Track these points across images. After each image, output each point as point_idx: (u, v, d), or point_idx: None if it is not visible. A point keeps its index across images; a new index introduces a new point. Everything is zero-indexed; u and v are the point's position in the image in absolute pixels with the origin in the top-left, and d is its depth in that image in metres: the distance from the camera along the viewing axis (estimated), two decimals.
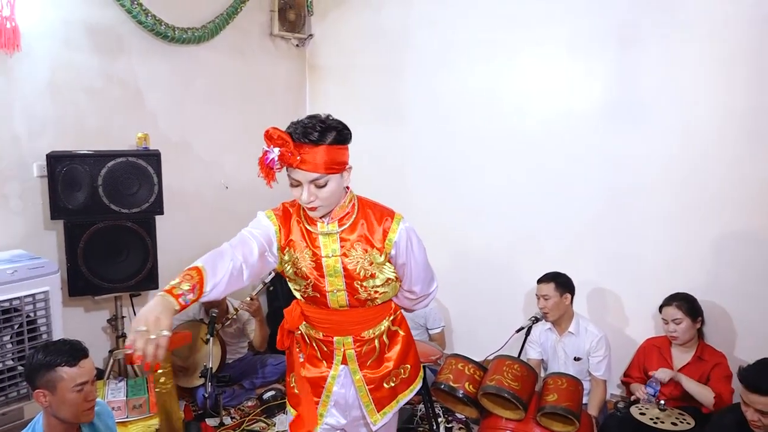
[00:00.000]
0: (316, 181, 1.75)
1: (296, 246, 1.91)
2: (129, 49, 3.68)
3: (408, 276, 1.98)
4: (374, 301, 1.95)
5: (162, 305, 1.64)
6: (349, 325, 1.97)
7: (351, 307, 1.94)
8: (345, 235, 1.88)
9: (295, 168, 1.75)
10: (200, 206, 4.15)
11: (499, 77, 3.84)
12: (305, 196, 1.77)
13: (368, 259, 1.88)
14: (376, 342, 2.01)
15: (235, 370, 3.83)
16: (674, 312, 2.99)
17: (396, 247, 1.89)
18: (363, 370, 2.02)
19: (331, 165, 1.74)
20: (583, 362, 3.27)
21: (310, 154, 1.72)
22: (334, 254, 1.87)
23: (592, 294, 3.62)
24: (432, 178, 4.20)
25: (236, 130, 4.35)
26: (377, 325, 2.01)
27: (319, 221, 1.88)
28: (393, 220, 1.90)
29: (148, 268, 3.36)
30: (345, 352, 2.00)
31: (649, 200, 3.38)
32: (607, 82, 3.46)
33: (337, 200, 1.85)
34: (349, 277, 1.89)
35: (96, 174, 3.17)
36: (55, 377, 2.06)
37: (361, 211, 1.90)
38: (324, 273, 1.89)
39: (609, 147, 3.48)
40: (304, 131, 1.73)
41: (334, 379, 2.02)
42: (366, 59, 4.45)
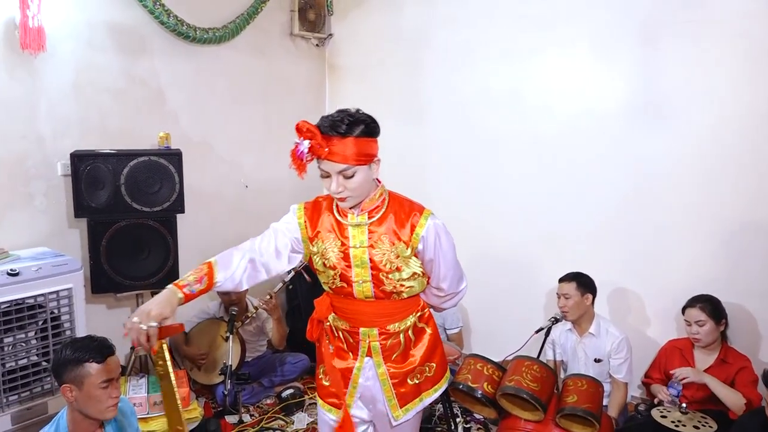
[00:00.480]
0: (344, 171, 1.82)
1: (325, 237, 1.97)
2: (151, 50, 3.74)
3: (436, 272, 2.00)
4: (400, 295, 1.98)
5: (163, 296, 1.78)
6: (374, 317, 2.01)
7: (377, 299, 1.97)
8: (373, 227, 1.93)
9: (324, 159, 1.82)
10: (220, 205, 4.20)
11: (520, 77, 3.82)
12: (334, 187, 1.84)
13: (395, 252, 1.92)
14: (401, 336, 2.03)
15: (255, 367, 3.87)
16: (697, 314, 2.95)
17: (423, 242, 1.92)
18: (387, 363, 2.04)
19: (358, 156, 1.81)
20: (604, 364, 3.25)
21: (338, 145, 1.79)
22: (362, 245, 1.93)
23: (614, 294, 3.59)
24: (452, 177, 4.20)
25: (256, 130, 4.38)
26: (403, 319, 2.03)
27: (350, 213, 1.95)
28: (422, 215, 1.94)
29: (169, 266, 3.40)
30: (370, 344, 2.03)
31: (672, 200, 3.35)
32: (630, 81, 3.43)
33: (367, 191, 1.91)
34: (375, 269, 1.93)
35: (118, 173, 3.22)
36: (83, 373, 2.10)
37: (390, 205, 1.96)
38: (351, 263, 1.94)
39: (631, 146, 3.45)
40: (332, 124, 1.80)
41: (360, 371, 2.05)
42: (386, 58, 4.46)
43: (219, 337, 3.76)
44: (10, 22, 3.10)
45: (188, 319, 3.89)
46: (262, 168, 4.45)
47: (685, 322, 3.01)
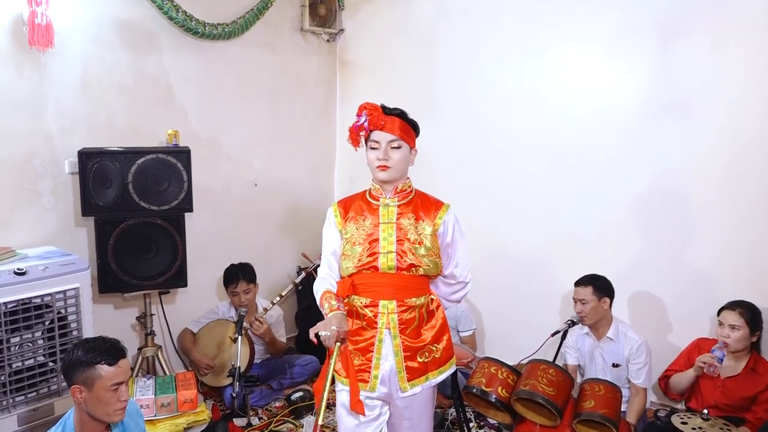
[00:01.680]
0: (393, 142, 2.21)
1: (355, 219, 2.30)
2: (160, 46, 3.76)
3: (452, 257, 2.32)
4: (417, 270, 2.23)
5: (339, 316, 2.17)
6: (395, 289, 2.24)
7: (398, 271, 2.22)
8: (401, 209, 2.28)
9: (379, 130, 2.22)
10: (228, 204, 4.22)
11: (535, 73, 3.80)
12: (381, 154, 2.21)
13: (419, 229, 2.25)
14: (416, 312, 2.25)
15: (264, 370, 3.88)
16: (735, 318, 2.91)
17: (444, 225, 2.27)
18: (402, 335, 2.25)
19: (406, 135, 2.23)
20: (622, 369, 3.23)
21: (393, 122, 2.23)
22: (390, 220, 2.26)
23: (633, 297, 3.56)
24: (465, 176, 4.18)
25: (266, 127, 4.40)
26: (420, 295, 2.27)
27: (381, 197, 2.29)
28: (443, 206, 2.32)
29: (177, 265, 3.42)
30: (388, 317, 2.24)
31: (693, 200, 3.32)
32: (649, 78, 3.40)
33: (402, 173, 2.27)
34: (400, 241, 2.23)
35: (126, 171, 3.24)
36: (94, 375, 2.12)
37: (418, 195, 2.33)
38: (380, 237, 2.24)
39: (650, 145, 3.42)
40: (390, 108, 2.26)
41: (381, 343, 2.25)
42: (398, 54, 4.46)
43: (227, 339, 3.77)
44: (18, 18, 3.13)
45: (196, 320, 3.91)
46: (272, 166, 4.46)
47: (719, 323, 2.97)
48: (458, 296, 2.42)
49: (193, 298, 3.96)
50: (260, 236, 4.42)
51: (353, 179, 4.80)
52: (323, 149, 4.84)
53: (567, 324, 3.23)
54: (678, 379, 3.05)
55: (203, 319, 3.91)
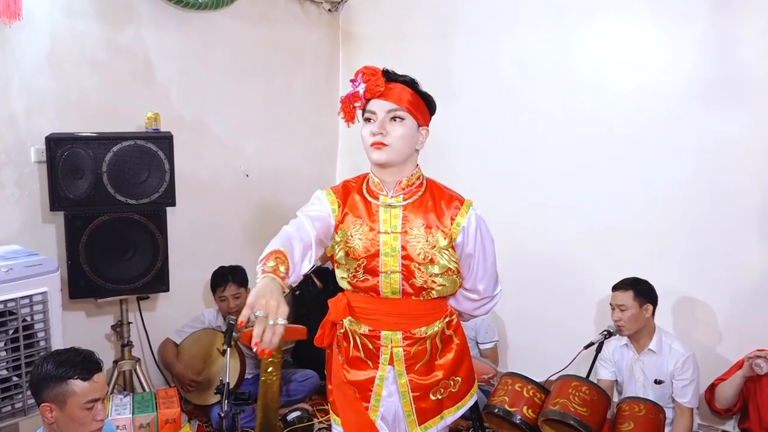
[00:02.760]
0: (394, 112, 1.96)
1: (351, 221, 2.05)
2: (138, 17, 3.75)
3: (474, 270, 2.08)
4: (429, 293, 2.04)
5: (277, 290, 1.69)
6: (399, 318, 2.06)
7: (404, 296, 2.03)
8: (408, 211, 2.02)
9: (377, 98, 1.97)
10: (216, 197, 4.22)
11: (569, 47, 3.78)
12: (376, 127, 1.94)
13: (431, 241, 2.00)
14: (428, 343, 2.08)
15: (256, 386, 3.86)
16: None
17: (464, 233, 2.01)
18: (410, 374, 2.09)
19: (413, 105, 1.97)
20: (666, 386, 3.22)
21: (397, 88, 1.98)
22: (394, 231, 2.01)
23: (679, 305, 3.55)
24: (488, 164, 4.17)
25: (259, 109, 4.40)
26: (431, 323, 2.09)
27: (382, 194, 2.03)
28: (463, 204, 2.04)
29: (157, 267, 3.41)
30: (392, 351, 2.07)
31: (750, 193, 3.30)
32: (699, 52, 3.38)
33: (405, 155, 1.99)
34: (407, 258, 2.00)
35: (100, 159, 3.24)
36: (66, 391, 2.13)
37: (429, 189, 2.06)
38: (380, 251, 2.00)
39: (701, 129, 3.40)
40: (404, 76, 2.01)
41: (383, 381, 2.09)
42: (410, 26, 4.44)
43: (215, 350, 3.78)
44: None
45: (180, 329, 3.92)
46: (266, 154, 4.46)
47: None
48: (483, 311, 2.24)
49: (176, 305, 3.97)
50: (253, 234, 4.42)
51: (358, 168, 4.72)
52: (324, 134, 4.83)
53: (603, 334, 3.22)
54: (724, 387, 3.03)
55: (187, 328, 3.92)
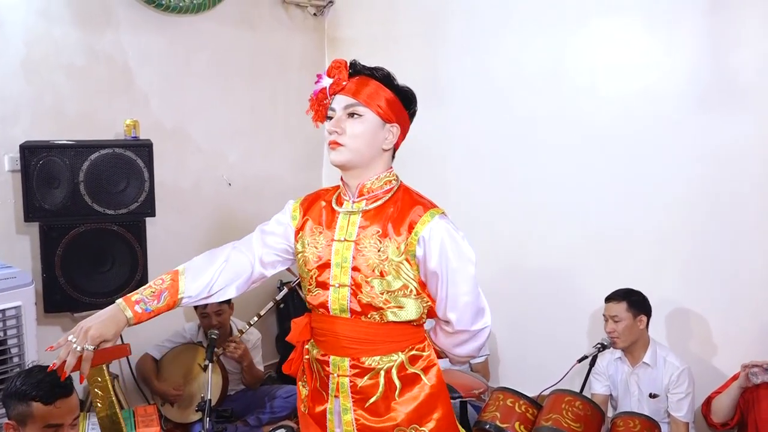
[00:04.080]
0: (350, 108, 1.82)
1: (310, 229, 1.92)
2: (117, 21, 3.75)
3: (441, 295, 1.83)
4: (382, 315, 1.82)
5: (108, 313, 1.72)
6: (346, 341, 1.86)
7: (352, 315, 1.84)
8: (367, 217, 1.85)
9: (339, 93, 1.83)
10: (198, 207, 4.21)
11: (562, 50, 3.80)
12: (332, 123, 1.83)
13: (382, 251, 1.81)
14: (381, 377, 1.85)
15: (239, 403, 3.86)
16: None
17: (424, 245, 1.78)
18: (357, 410, 1.88)
19: (374, 100, 1.82)
20: (661, 400, 3.23)
21: (357, 82, 1.83)
22: (347, 239, 1.85)
23: (673, 316, 3.56)
24: (478, 171, 4.18)
25: (242, 115, 4.40)
26: (387, 353, 1.86)
27: (345, 200, 1.90)
28: (427, 211, 1.82)
29: (136, 279, 3.40)
30: (339, 380, 1.88)
31: (748, 201, 3.31)
32: (695, 56, 3.40)
33: (365, 156, 1.84)
34: (356, 270, 1.82)
35: (77, 168, 3.22)
36: (27, 412, 2.12)
37: (396, 196, 1.88)
38: (331, 261, 1.85)
39: (697, 134, 3.42)
40: (373, 68, 1.86)
41: (332, 415, 1.91)
42: (398, 30, 4.46)
43: (196, 366, 3.76)
44: None
45: (159, 344, 3.90)
46: (250, 161, 4.46)
47: None
48: (464, 351, 1.94)
49: (155, 319, 3.85)
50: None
51: None
52: (309, 141, 4.83)
53: (597, 347, 3.23)
54: (720, 399, 3.04)
55: (167, 342, 3.90)
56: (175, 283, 1.84)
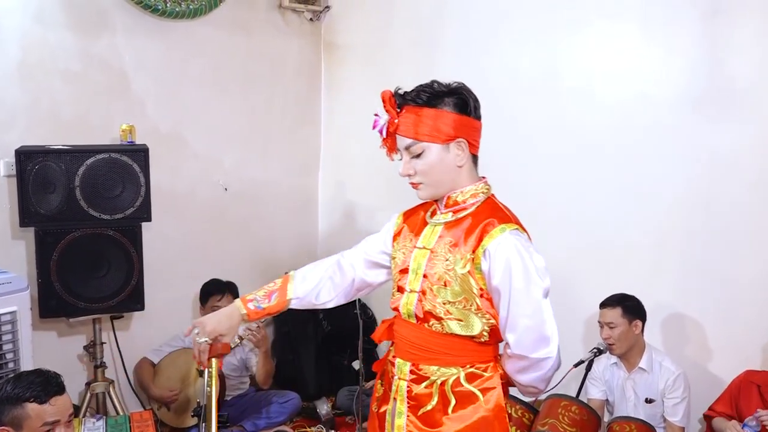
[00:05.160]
0: (410, 148, 1.84)
1: (403, 236, 2.00)
2: (113, 26, 3.75)
3: (502, 314, 1.80)
4: (443, 325, 1.84)
5: (225, 311, 1.94)
6: (409, 346, 1.91)
7: (417, 321, 1.88)
8: (446, 228, 1.89)
9: (395, 133, 1.86)
10: (194, 212, 4.21)
11: (558, 55, 3.80)
12: (402, 169, 1.87)
13: (450, 261, 1.83)
14: (435, 388, 1.86)
15: (235, 408, 3.86)
16: None
17: (488, 259, 1.78)
18: (411, 416, 1.89)
19: (430, 131, 1.81)
20: (657, 405, 3.23)
21: (408, 116, 1.84)
22: (425, 247, 1.90)
23: (668, 320, 3.56)
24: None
25: (238, 121, 4.40)
26: (446, 365, 1.86)
27: (438, 212, 1.94)
28: (498, 224, 1.81)
29: (132, 285, 3.40)
30: (398, 383, 1.92)
31: (744, 206, 3.31)
32: (691, 62, 3.41)
33: (447, 180, 1.87)
34: (426, 276, 1.87)
35: (73, 173, 3.22)
36: (22, 414, 2.12)
37: (479, 208, 1.89)
38: (409, 267, 1.92)
39: (692, 140, 3.42)
40: (412, 92, 1.86)
41: (390, 416, 1.95)
42: (394, 35, 4.46)
43: (194, 371, 3.76)
44: None
45: (157, 348, 3.90)
46: (246, 167, 4.46)
47: None
48: (526, 379, 1.85)
49: (152, 324, 3.94)
50: (232, 250, 4.40)
51: (341, 182, 4.80)
52: (306, 147, 4.83)
53: (593, 352, 3.22)
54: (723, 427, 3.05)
55: (165, 347, 3.90)
56: (284, 286, 2.00)
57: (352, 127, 4.69)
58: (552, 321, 1.83)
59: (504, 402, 1.88)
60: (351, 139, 4.71)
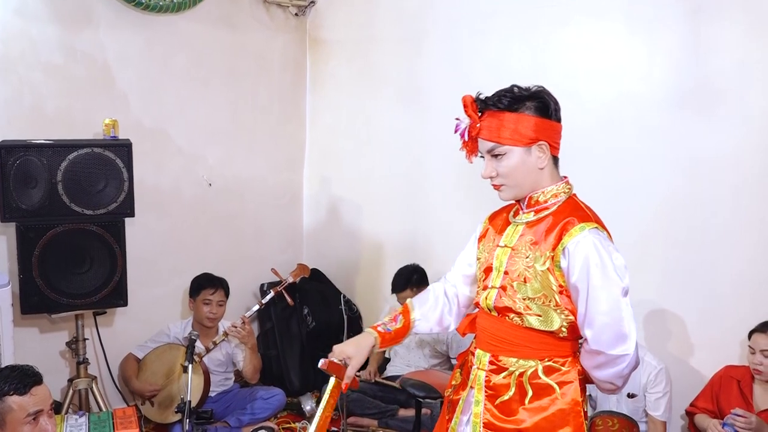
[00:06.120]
0: (493, 151, 1.92)
1: (489, 237, 2.08)
2: (96, 19, 3.72)
3: (581, 311, 1.84)
4: (523, 319, 1.89)
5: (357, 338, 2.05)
6: (490, 338, 1.98)
7: (498, 313, 1.95)
8: (528, 226, 1.95)
9: (476, 137, 1.94)
10: (178, 207, 4.19)
11: (542, 54, 3.81)
12: (484, 170, 1.95)
13: (530, 258, 1.89)
14: (512, 379, 1.92)
15: (219, 404, 3.85)
16: (766, 342, 2.95)
17: (568, 256, 1.83)
18: (488, 404, 1.95)
19: (511, 134, 1.88)
20: (639, 399, 3.26)
21: (490, 120, 1.91)
22: (508, 245, 1.97)
23: (651, 316, 3.59)
24: (458, 176, 4.18)
25: (222, 116, 4.38)
26: (525, 357, 1.91)
27: (520, 212, 2.01)
28: (578, 223, 1.86)
29: (115, 280, 3.38)
30: (477, 373, 1.99)
31: (725, 203, 3.34)
32: (674, 61, 3.43)
33: (529, 182, 1.94)
34: (506, 273, 1.94)
35: (55, 168, 3.20)
36: (4, 409, 2.11)
37: (560, 207, 1.94)
38: (492, 265, 1.99)
39: (675, 139, 3.44)
40: (493, 97, 1.93)
41: (463, 402, 2.03)
42: (381, 31, 4.46)
43: (179, 367, 3.74)
44: None
45: (142, 344, 3.88)
46: (230, 162, 4.44)
47: (749, 348, 3.02)
48: (603, 375, 1.88)
49: (135, 320, 3.92)
50: (216, 246, 4.39)
51: (326, 177, 4.79)
52: (290, 143, 4.82)
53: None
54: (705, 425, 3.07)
55: (150, 342, 3.88)
56: (407, 309, 2.13)
57: (337, 122, 4.69)
58: (630, 319, 1.86)
59: (581, 397, 1.92)
60: (336, 135, 4.70)
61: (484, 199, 3.99)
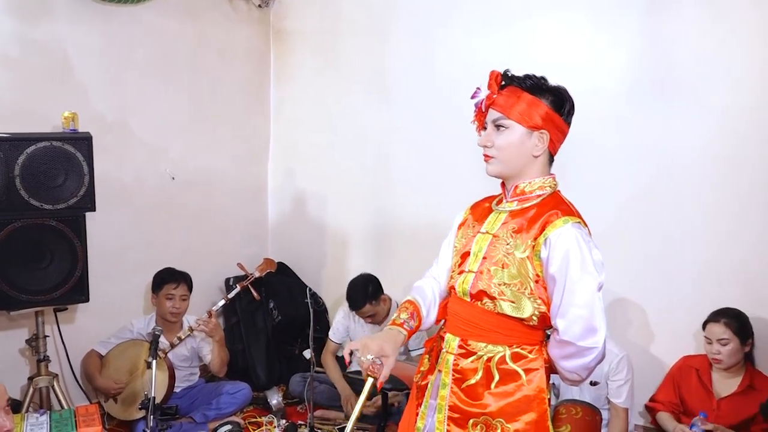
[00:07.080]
0: (497, 121, 1.95)
1: (468, 224, 2.11)
2: (54, 10, 3.65)
3: (555, 301, 1.88)
4: (495, 304, 1.93)
5: (385, 333, 2.01)
6: (460, 322, 2.01)
7: (471, 298, 1.97)
8: (512, 216, 1.99)
9: (489, 107, 1.98)
10: (140, 201, 4.14)
11: (506, 46, 3.83)
12: (482, 138, 1.99)
13: (510, 244, 1.93)
14: (480, 363, 1.95)
15: (185, 400, 3.82)
16: (721, 331, 3.02)
17: (548, 247, 1.87)
18: (454, 388, 1.99)
19: (521, 113, 1.93)
20: (601, 387, 3.31)
21: (510, 95, 1.96)
22: (489, 232, 2.00)
23: (612, 306, 3.63)
24: (422, 168, 4.19)
25: (185, 108, 4.34)
26: (494, 342, 1.95)
27: (503, 200, 2.05)
28: (562, 216, 1.90)
29: (76, 276, 3.34)
30: (446, 357, 2.02)
31: (684, 194, 3.40)
32: (635, 53, 3.48)
33: (517, 164, 1.97)
34: (485, 258, 1.97)
35: (12, 162, 3.14)
36: None
37: (545, 201, 1.98)
38: (471, 250, 2.02)
39: (637, 131, 3.49)
40: (523, 77, 1.99)
41: (431, 386, 2.06)
42: (345, 23, 4.45)
43: (142, 363, 3.70)
44: None
45: (105, 340, 3.83)
46: (193, 155, 4.40)
47: (705, 339, 3.09)
48: (570, 365, 1.92)
49: (97, 316, 3.86)
50: (181, 240, 4.35)
51: (291, 171, 4.76)
52: (254, 135, 4.79)
53: None
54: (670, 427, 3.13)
55: (113, 339, 3.83)
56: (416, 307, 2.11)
57: (302, 114, 4.67)
58: (601, 313, 1.90)
59: (546, 385, 1.96)
60: (301, 127, 4.68)
61: (450, 192, 4.04)
